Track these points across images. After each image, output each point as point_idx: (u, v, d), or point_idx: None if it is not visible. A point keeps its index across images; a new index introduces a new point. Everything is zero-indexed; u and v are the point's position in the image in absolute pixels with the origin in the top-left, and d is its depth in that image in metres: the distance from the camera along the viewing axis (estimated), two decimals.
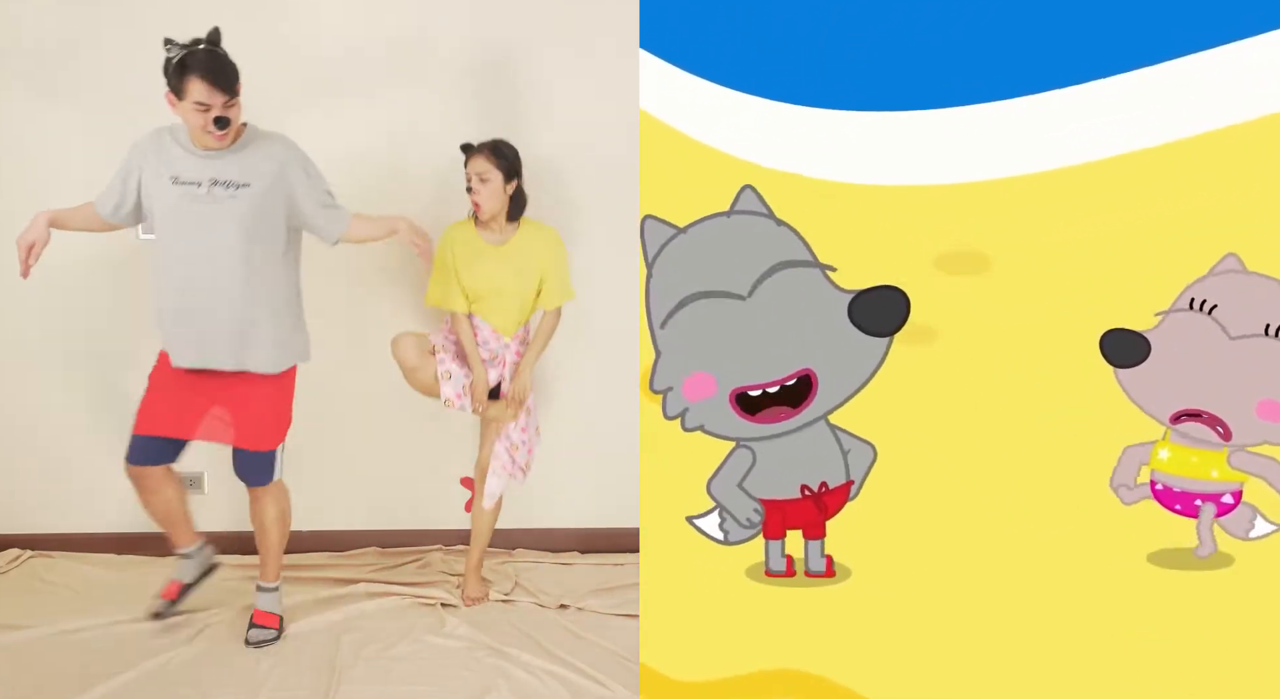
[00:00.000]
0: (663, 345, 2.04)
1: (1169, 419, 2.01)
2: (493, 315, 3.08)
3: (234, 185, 2.66)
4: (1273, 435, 2.00)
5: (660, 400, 2.07)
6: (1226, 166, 1.94)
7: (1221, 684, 2.06)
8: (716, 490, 2.08)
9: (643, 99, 1.99)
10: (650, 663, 2.17)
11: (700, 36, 1.97)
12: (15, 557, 3.46)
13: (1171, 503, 2.04)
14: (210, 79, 2.55)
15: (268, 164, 2.70)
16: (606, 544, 3.54)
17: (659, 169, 2.00)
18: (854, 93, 1.96)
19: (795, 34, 1.96)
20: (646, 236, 2.02)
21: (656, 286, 2.03)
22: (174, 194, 2.65)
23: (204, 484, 3.54)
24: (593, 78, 3.44)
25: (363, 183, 3.30)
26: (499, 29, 3.43)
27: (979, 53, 1.93)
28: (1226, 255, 1.94)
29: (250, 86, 2.67)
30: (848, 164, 1.98)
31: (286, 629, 2.95)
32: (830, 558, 2.09)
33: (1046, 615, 2.08)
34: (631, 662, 2.70)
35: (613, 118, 3.39)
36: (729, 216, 2.00)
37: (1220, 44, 1.90)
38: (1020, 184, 1.97)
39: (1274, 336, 1.95)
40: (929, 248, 2.00)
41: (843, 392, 2.05)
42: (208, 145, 2.67)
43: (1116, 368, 1.99)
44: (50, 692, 2.57)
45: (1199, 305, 1.95)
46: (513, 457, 3.09)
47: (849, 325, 2.01)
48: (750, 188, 1.99)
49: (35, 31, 3.36)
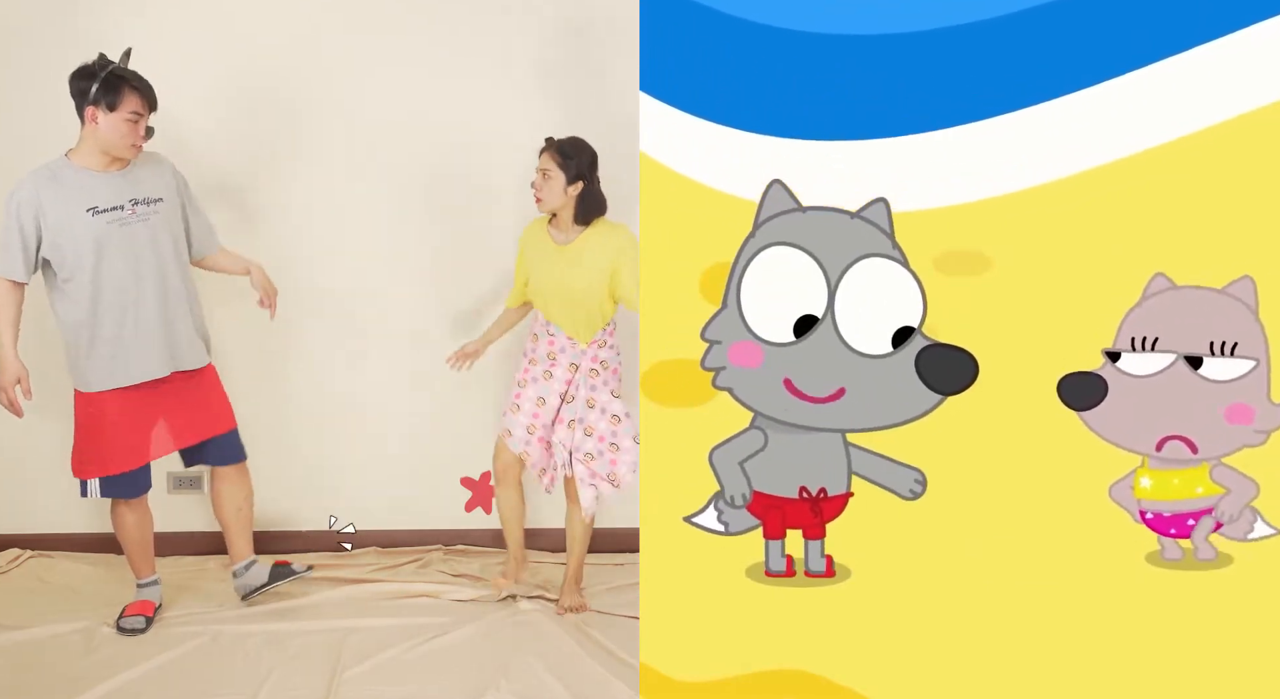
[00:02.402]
0: (731, 300, 2.04)
1: (1154, 448, 2.01)
2: (564, 321, 2.99)
3: (151, 201, 2.83)
4: (1250, 438, 1.99)
5: (665, 399, 2.07)
6: (1218, 169, 1.95)
7: (1221, 684, 2.06)
8: (717, 458, 2.08)
9: (643, 142, 1.99)
10: (650, 663, 2.17)
11: (700, 78, 1.98)
12: (15, 557, 3.46)
13: (1165, 528, 2.03)
14: (143, 92, 2.73)
15: (164, 178, 2.89)
16: (606, 544, 3.54)
17: (659, 211, 2.02)
18: (849, 123, 1.97)
19: (791, 70, 1.96)
20: (767, 199, 1.99)
21: (752, 247, 2.02)
22: (99, 223, 2.74)
23: (204, 484, 3.54)
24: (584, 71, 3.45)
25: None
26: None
27: (965, 75, 1.95)
28: (1155, 276, 1.95)
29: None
30: (850, 192, 1.99)
31: (286, 628, 2.96)
32: (830, 558, 2.09)
33: (1046, 615, 2.08)
34: (632, 662, 2.70)
35: (611, 117, 3.39)
36: (852, 218, 2.00)
37: (1193, 46, 1.92)
38: (1018, 199, 1.98)
39: (1222, 355, 1.95)
40: (929, 248, 2.00)
41: (874, 420, 2.05)
42: (111, 165, 2.78)
43: (1078, 411, 2.00)
44: (50, 692, 2.57)
45: (1140, 344, 1.96)
46: (590, 468, 3.00)
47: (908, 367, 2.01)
48: (884, 201, 1.98)
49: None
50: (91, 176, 2.75)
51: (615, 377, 3.03)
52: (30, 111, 3.33)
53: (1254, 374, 1.96)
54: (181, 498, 3.56)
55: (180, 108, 3.18)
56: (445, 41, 3.42)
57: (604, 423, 3.01)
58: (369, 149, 3.46)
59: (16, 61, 3.34)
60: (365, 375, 3.56)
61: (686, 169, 2.01)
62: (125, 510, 3.00)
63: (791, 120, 1.99)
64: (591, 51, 3.43)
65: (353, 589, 3.21)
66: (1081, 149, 1.96)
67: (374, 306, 3.54)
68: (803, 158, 1.99)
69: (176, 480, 3.52)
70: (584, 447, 2.98)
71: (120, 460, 2.89)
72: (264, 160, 3.42)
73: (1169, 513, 2.02)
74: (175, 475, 3.49)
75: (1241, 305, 1.94)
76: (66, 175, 2.74)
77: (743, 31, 1.97)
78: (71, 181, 2.74)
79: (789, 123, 1.99)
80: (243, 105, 3.42)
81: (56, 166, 2.76)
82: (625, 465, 3.01)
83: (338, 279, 3.48)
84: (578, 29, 3.42)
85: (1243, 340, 1.94)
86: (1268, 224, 1.95)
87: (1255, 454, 2.00)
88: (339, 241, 3.46)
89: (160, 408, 2.91)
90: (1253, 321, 1.94)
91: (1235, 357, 1.95)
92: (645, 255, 2.04)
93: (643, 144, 1.99)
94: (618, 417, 3.02)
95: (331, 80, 3.42)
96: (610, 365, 3.02)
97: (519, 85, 3.43)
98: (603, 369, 3.00)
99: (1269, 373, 1.97)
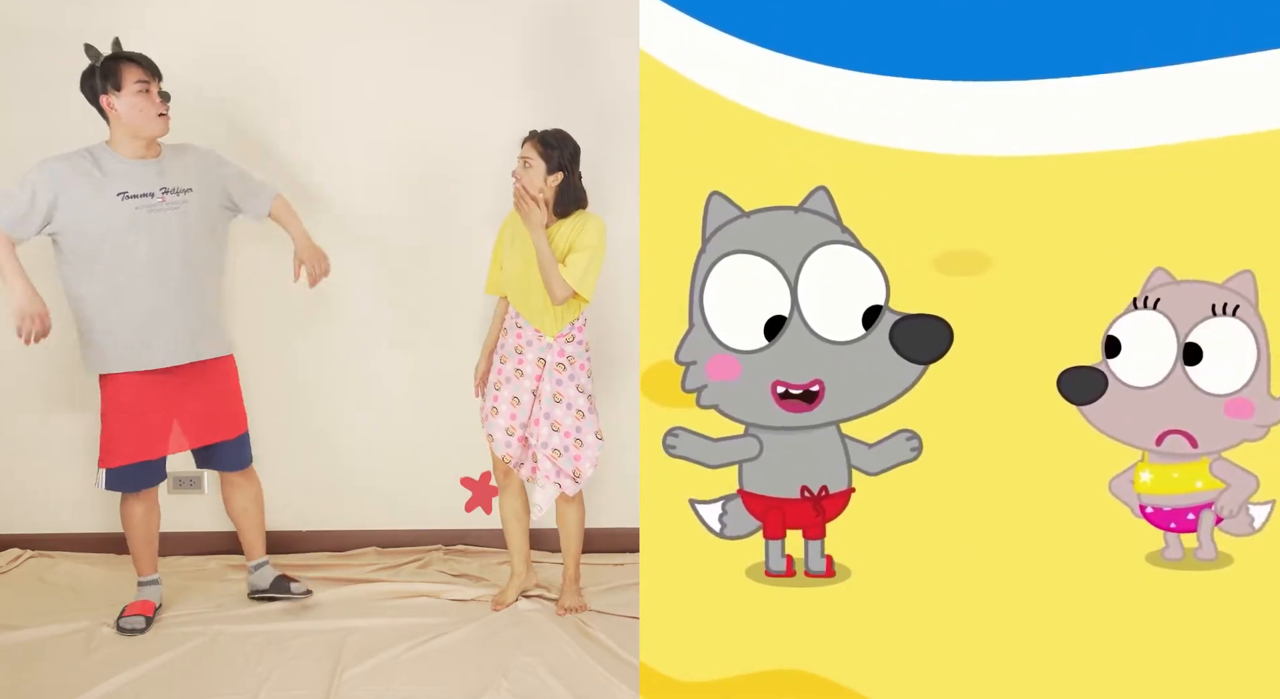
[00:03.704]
0: (697, 320, 2.04)
1: (1154, 442, 2.01)
2: (532, 313, 2.99)
3: (180, 191, 2.88)
4: (1249, 432, 1.99)
5: (665, 399, 2.07)
6: (1233, 171, 1.94)
7: (1221, 684, 2.06)
8: (694, 444, 2.08)
9: (643, 40, 1.95)
10: (650, 663, 2.17)
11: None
12: (15, 557, 3.46)
13: (1164, 523, 2.03)
14: (140, 62, 2.82)
15: (195, 168, 2.95)
16: (606, 544, 3.54)
17: (660, 113, 1.98)
18: (867, 54, 1.94)
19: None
20: (710, 212, 2.00)
21: (705, 262, 2.02)
22: (127, 208, 2.81)
23: (204, 484, 3.55)
24: (594, 82, 3.44)
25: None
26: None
27: (999, 28, 1.92)
28: (1155, 270, 1.96)
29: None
30: (854, 123, 1.96)
31: (286, 628, 2.96)
32: (830, 558, 2.09)
33: (1046, 615, 2.08)
34: (632, 661, 2.70)
35: (610, 118, 3.39)
36: (796, 212, 2.00)
37: (1237, 53, 1.91)
38: (1027, 165, 1.95)
39: (1224, 315, 1.96)
40: (929, 248, 2.00)
41: (864, 404, 2.05)
42: (145, 153, 2.85)
43: (1078, 406, 2.00)
44: (50, 692, 2.57)
45: (1142, 303, 1.96)
46: (555, 464, 3.01)
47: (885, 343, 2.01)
48: (824, 189, 1.98)
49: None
50: (126, 163, 2.84)
51: (583, 372, 3.03)
52: (35, 112, 3.34)
53: (1255, 373, 1.97)
54: (182, 498, 3.56)
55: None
56: (445, 40, 3.42)
57: (569, 418, 3.00)
58: (368, 148, 3.46)
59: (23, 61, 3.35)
60: (365, 375, 3.56)
61: (688, 71, 1.96)
62: (134, 502, 3.01)
63: (796, 38, 1.94)
64: (579, 44, 3.43)
65: (353, 589, 3.21)
66: (1087, 133, 1.95)
67: (373, 307, 3.54)
68: (812, 81, 1.96)
69: (176, 481, 3.52)
70: (551, 442, 2.99)
71: (131, 451, 2.91)
72: (257, 161, 3.42)
73: (1168, 507, 2.02)
74: (175, 476, 3.49)
75: (1241, 298, 1.95)
76: (104, 159, 2.84)
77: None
78: (107, 165, 2.83)
79: (796, 40, 1.94)
80: (226, 104, 3.42)
81: (97, 150, 2.86)
82: (588, 460, 3.03)
83: (335, 280, 3.48)
84: (563, 19, 3.42)
85: (1243, 306, 1.95)
86: (1269, 223, 1.95)
87: (1255, 449, 2.01)
88: (337, 242, 3.46)
89: (176, 402, 2.93)
90: (1252, 313, 1.95)
91: (1236, 317, 1.95)
92: (646, 189, 2.01)
93: (643, 41, 1.95)
94: (582, 412, 3.01)
95: (320, 78, 3.43)
96: (577, 360, 3.02)
97: (504, 80, 3.43)
98: (569, 364, 3.00)
99: (1269, 367, 1.97)
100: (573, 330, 3.01)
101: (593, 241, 2.92)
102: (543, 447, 2.99)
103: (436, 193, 3.48)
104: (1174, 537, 2.03)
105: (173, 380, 2.91)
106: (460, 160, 3.47)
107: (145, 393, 2.89)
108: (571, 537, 3.13)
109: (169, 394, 2.92)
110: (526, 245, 2.97)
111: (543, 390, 2.99)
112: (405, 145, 3.47)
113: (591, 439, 3.02)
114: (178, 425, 2.95)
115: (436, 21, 3.42)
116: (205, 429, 2.99)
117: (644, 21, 1.96)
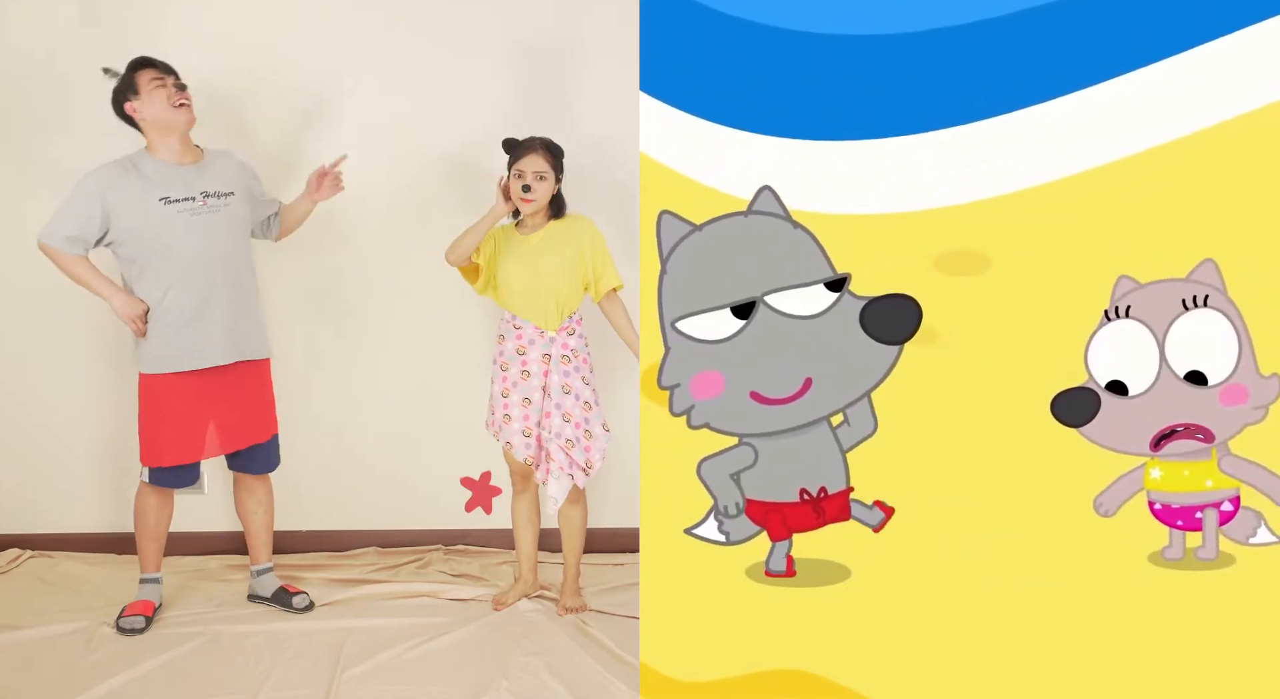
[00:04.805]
0: (672, 342, 2.04)
1: (1150, 446, 2.01)
2: (532, 311, 2.99)
3: (222, 194, 2.93)
4: (1249, 416, 2.00)
5: (665, 399, 2.07)
6: (1212, 168, 1.95)
7: (1222, 684, 2.06)
8: (706, 471, 2.08)
9: (643, 142, 2.00)
10: (650, 663, 2.17)
11: (700, 78, 1.99)
12: (15, 557, 3.46)
13: (1172, 519, 2.03)
14: (149, 63, 2.88)
15: (234, 175, 3.00)
16: (606, 544, 3.54)
17: (659, 208, 2.03)
18: (848, 123, 1.99)
19: (791, 71, 1.98)
20: (662, 233, 2.02)
21: (670, 284, 2.04)
22: (169, 212, 2.85)
23: (203, 485, 3.54)
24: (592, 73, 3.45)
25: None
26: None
27: (962, 76, 1.97)
28: (1119, 278, 1.97)
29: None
30: (849, 193, 2.01)
31: (286, 628, 2.96)
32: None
33: (1047, 615, 2.08)
34: (632, 661, 2.70)
35: (609, 116, 3.39)
36: (746, 216, 2.01)
37: (1192, 46, 1.93)
38: (1016, 199, 1.98)
39: (1196, 307, 1.96)
40: (929, 248, 2.01)
41: (848, 395, 2.05)
42: (184, 158, 2.90)
43: (1075, 428, 2.01)
44: (50, 692, 2.57)
45: (1115, 313, 1.98)
46: (569, 455, 3.02)
47: (858, 330, 2.02)
48: (769, 188, 1.99)
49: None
50: (167, 168, 2.89)
51: (586, 365, 3.05)
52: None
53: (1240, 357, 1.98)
54: (182, 498, 3.53)
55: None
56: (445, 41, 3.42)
57: (578, 409, 3.02)
58: (369, 150, 3.45)
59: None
60: (364, 375, 3.55)
61: (686, 168, 2.01)
62: (149, 494, 3.02)
63: (791, 120, 1.99)
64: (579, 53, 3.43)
65: (353, 589, 3.21)
66: (1076, 150, 1.97)
67: (373, 307, 3.54)
68: (802, 158, 1.99)
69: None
70: (564, 433, 3.00)
71: (174, 453, 2.93)
72: (257, 162, 3.42)
73: (1177, 504, 2.03)
74: None
75: (1209, 287, 1.96)
76: (146, 165, 2.88)
77: (743, 32, 1.97)
78: (148, 170, 2.87)
79: (789, 123, 1.99)
80: (230, 109, 3.42)
81: (137, 157, 2.91)
82: (597, 452, 3.04)
83: (333, 280, 3.48)
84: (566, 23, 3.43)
85: (1213, 295, 1.96)
86: (1223, 214, 1.96)
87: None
88: (335, 242, 3.46)
89: (216, 405, 2.95)
90: (1223, 297, 1.96)
91: (1209, 307, 1.96)
92: (646, 255, 2.04)
93: (643, 144, 2.00)
94: (589, 403, 3.03)
95: (322, 81, 3.43)
96: (580, 354, 3.04)
97: (505, 83, 3.44)
98: (574, 356, 3.02)
99: (1251, 348, 1.98)
100: (572, 324, 3.03)
101: (602, 246, 3.03)
102: (556, 437, 2.99)
103: (436, 193, 3.48)
104: (1178, 535, 2.03)
105: (211, 383, 2.93)
106: (463, 162, 3.47)
107: (184, 394, 2.91)
108: (574, 536, 3.13)
109: (206, 397, 2.93)
110: (522, 246, 2.98)
111: (551, 384, 3.00)
112: (407, 147, 3.47)
113: (599, 431, 3.03)
114: (213, 428, 2.96)
115: (437, 23, 3.42)
116: (239, 434, 3.01)
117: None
